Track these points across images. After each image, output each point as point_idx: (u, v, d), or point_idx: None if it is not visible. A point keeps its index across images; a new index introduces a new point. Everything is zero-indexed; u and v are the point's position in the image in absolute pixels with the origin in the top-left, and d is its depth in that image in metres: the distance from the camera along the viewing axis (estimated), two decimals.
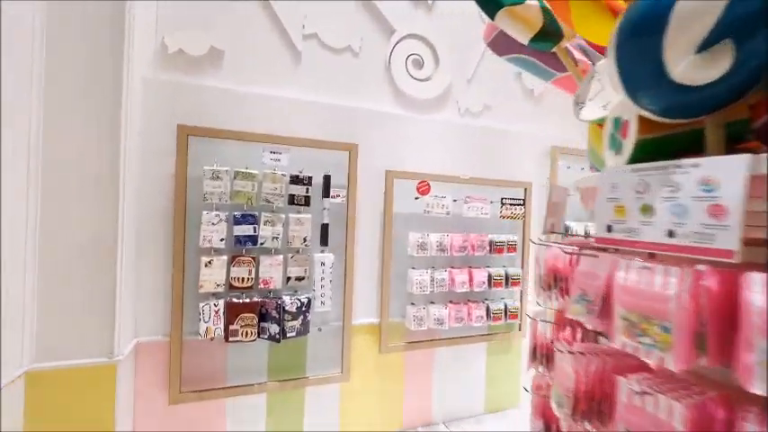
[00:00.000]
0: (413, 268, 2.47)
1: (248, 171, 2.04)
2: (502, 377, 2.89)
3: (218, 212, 1.98)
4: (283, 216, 2.12)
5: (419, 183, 2.35)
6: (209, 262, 1.97)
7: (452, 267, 2.54)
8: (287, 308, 2.09)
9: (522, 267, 2.78)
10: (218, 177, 1.98)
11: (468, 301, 2.61)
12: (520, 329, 2.85)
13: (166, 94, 2.01)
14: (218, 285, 2.00)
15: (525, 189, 2.83)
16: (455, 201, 2.47)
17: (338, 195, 2.28)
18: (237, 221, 2.03)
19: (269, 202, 2.09)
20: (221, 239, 2.00)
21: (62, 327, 1.66)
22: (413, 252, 2.39)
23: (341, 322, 2.34)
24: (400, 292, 2.49)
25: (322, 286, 2.23)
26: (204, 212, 1.96)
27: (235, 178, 2.01)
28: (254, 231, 2.06)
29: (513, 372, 2.93)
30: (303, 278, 2.19)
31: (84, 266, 1.69)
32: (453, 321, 2.48)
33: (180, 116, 2.02)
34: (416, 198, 2.47)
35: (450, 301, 2.57)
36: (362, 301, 2.42)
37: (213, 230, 1.97)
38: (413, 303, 2.50)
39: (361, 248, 2.39)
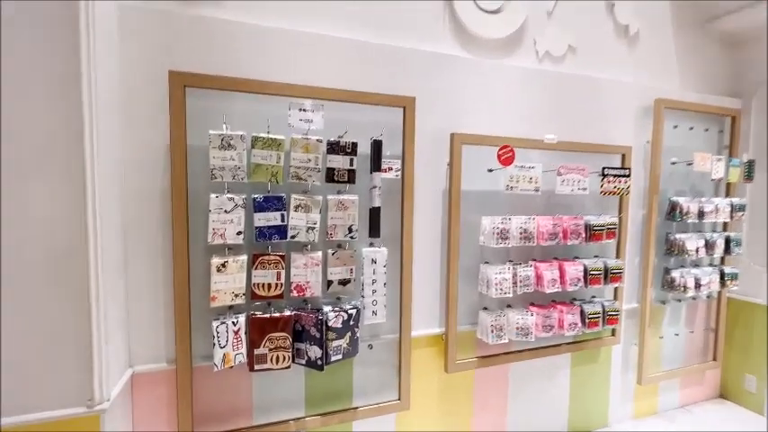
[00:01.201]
0: (486, 263, 1.89)
1: (271, 136, 1.46)
2: (588, 392, 2.33)
3: (231, 195, 1.42)
4: (320, 198, 1.54)
5: (502, 148, 1.74)
6: (223, 264, 1.43)
7: (536, 261, 1.95)
8: (330, 323, 1.54)
9: (618, 256, 2.17)
10: (229, 145, 1.40)
11: (554, 303, 2.03)
12: (614, 334, 2.27)
13: (152, 28, 1.43)
14: (236, 295, 1.46)
15: (623, 155, 2.18)
16: (545, 173, 1.85)
17: (391, 168, 1.69)
18: (259, 207, 1.46)
19: (300, 179, 1.51)
20: (238, 233, 1.44)
21: (21, 369, 1.15)
22: (488, 242, 1.80)
23: (396, 335, 1.79)
24: (469, 295, 1.92)
25: (374, 291, 1.67)
26: (213, 195, 1.40)
27: (253, 146, 1.44)
28: (282, 220, 1.50)
29: (601, 386, 2.37)
30: (348, 281, 1.63)
31: (44, 283, 1.16)
32: (540, 330, 1.90)
33: (173, 60, 1.44)
34: (490, 171, 1.86)
35: (532, 304, 1.99)
36: (422, 306, 1.86)
37: (226, 220, 1.42)
38: (486, 308, 1.93)
39: (420, 238, 1.82)
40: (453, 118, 1.87)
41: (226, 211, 1.41)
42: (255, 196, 1.46)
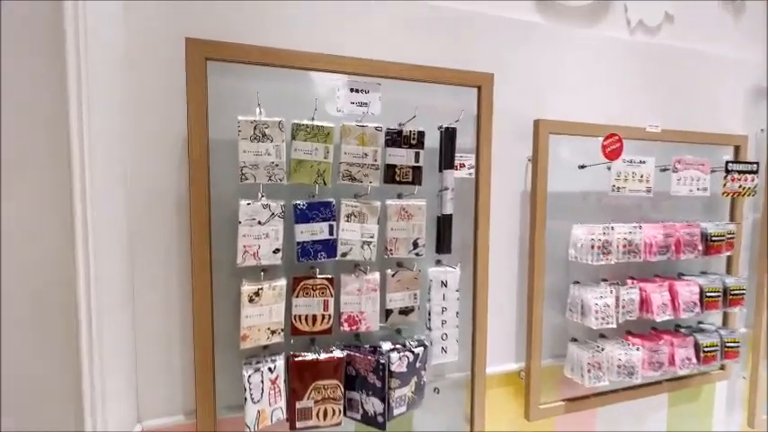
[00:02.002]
0: (576, 283, 1.51)
1: (317, 123, 1.11)
2: None
3: (267, 201, 1.09)
4: (378, 204, 1.19)
5: (608, 138, 1.36)
6: (257, 293, 1.09)
7: (637, 280, 1.55)
8: (393, 367, 1.19)
9: (730, 272, 1.76)
10: (263, 135, 1.07)
11: (656, 332, 1.62)
12: (723, 368, 1.85)
13: None
14: (272, 332, 1.12)
15: (736, 147, 1.77)
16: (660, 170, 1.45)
17: (463, 165, 1.33)
18: (302, 216, 1.12)
19: (353, 179, 1.17)
20: (275, 250, 1.10)
21: None
22: (583, 257, 1.42)
23: (465, 373, 1.42)
24: (552, 320, 1.54)
25: (443, 322, 1.31)
26: (243, 202, 1.07)
27: (294, 138, 1.10)
28: (331, 233, 1.15)
29: (703, 429, 1.95)
30: (412, 310, 1.27)
31: (17, 329, 0.84)
32: (647, 368, 1.51)
33: (189, 26, 1.11)
34: (581, 167, 1.48)
35: (629, 333, 1.60)
36: (496, 336, 1.49)
37: (260, 234, 1.08)
38: (575, 339, 1.55)
39: (493, 251, 1.45)
40: (532, 101, 1.50)
41: (260, 223, 1.08)
42: (297, 203, 1.12)
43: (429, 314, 1.29)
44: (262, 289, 1.09)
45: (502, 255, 1.48)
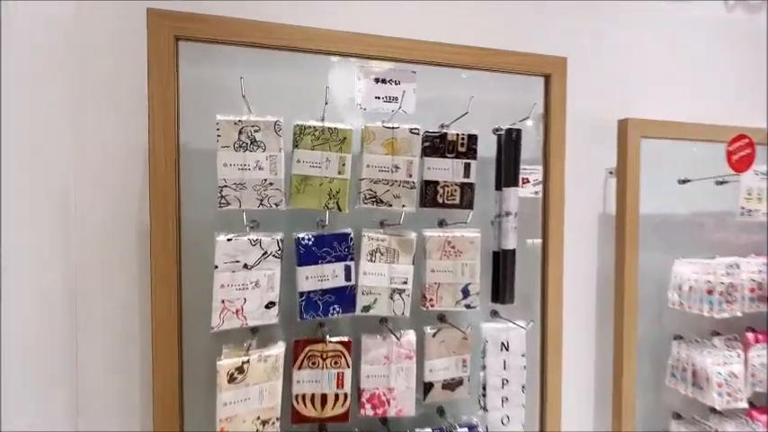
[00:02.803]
0: (680, 339, 1.11)
1: (330, 125, 0.80)
2: None
3: (256, 234, 0.76)
4: (413, 237, 0.86)
5: (734, 141, 0.98)
6: (240, 369, 0.75)
7: (757, 332, 1.14)
8: None
9: None
10: (252, 142, 0.75)
11: None
12: None
13: None
14: (263, 423, 0.78)
15: None
16: None
17: (527, 180, 0.98)
18: (306, 255, 0.79)
19: (379, 201, 0.83)
20: (269, 304, 0.77)
21: None
22: (692, 304, 1.03)
23: None
24: (643, 385, 1.14)
25: (504, 400, 0.94)
26: (220, 238, 0.74)
27: (296, 145, 0.78)
28: (348, 277, 0.82)
29: None
30: (460, 382, 0.91)
31: None
32: None
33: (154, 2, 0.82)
34: (682, 182, 1.10)
35: (752, 405, 1.17)
36: (569, 402, 1.10)
37: (247, 282, 0.75)
38: (679, 416, 1.14)
39: (568, 295, 1.07)
40: (607, 96, 1.14)
41: (246, 266, 0.75)
42: (300, 236, 0.79)
43: (484, 388, 0.93)
44: (248, 362, 0.75)
45: (576, 297, 1.11)
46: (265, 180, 0.76)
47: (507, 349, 0.92)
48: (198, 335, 0.80)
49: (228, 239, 0.73)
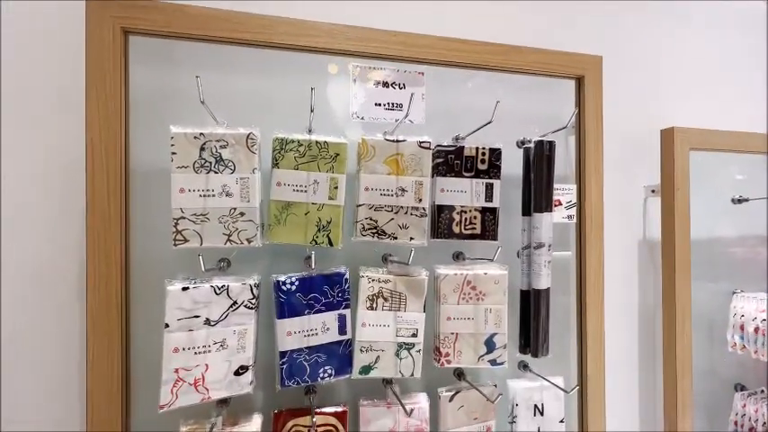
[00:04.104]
0: (742, 390, 0.93)
1: (318, 139, 0.64)
2: None
3: (218, 281, 0.59)
4: (424, 276, 0.69)
5: None
6: None
7: None
8: None
9: None
10: (218, 161, 0.59)
11: None
12: None
13: None
14: None
15: None
16: None
17: (559, 203, 0.81)
18: (289, 304, 0.62)
19: (381, 233, 0.67)
20: (239, 370, 0.60)
21: None
22: (759, 349, 0.86)
23: None
24: None
25: None
26: (173, 287, 0.56)
27: (276, 164, 0.62)
28: (342, 330, 0.65)
29: None
30: None
31: None
32: None
33: None
34: (738, 201, 0.94)
35: None
36: None
37: (208, 344, 0.58)
38: None
39: (608, 345, 0.89)
40: (645, 104, 0.99)
41: (208, 323, 0.58)
42: (282, 279, 0.62)
43: None
44: None
45: (614, 341, 0.93)
46: (234, 209, 0.59)
47: (542, 414, 0.74)
48: (152, 413, 0.62)
49: (184, 288, 0.56)
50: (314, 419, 0.62)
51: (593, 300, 0.81)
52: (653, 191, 0.94)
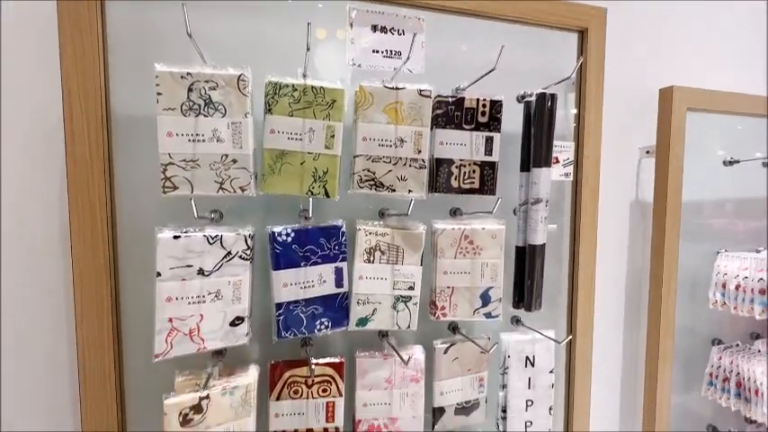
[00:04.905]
0: (719, 344, 0.97)
1: (314, 84, 0.60)
2: None
3: (214, 229, 0.58)
4: (422, 230, 0.68)
5: None
6: (197, 407, 0.57)
7: None
8: None
9: None
10: (207, 104, 0.55)
11: None
12: None
13: None
14: None
15: None
16: None
17: (557, 160, 0.81)
18: (285, 255, 0.60)
19: (379, 185, 0.65)
20: (235, 321, 0.59)
21: None
22: (739, 306, 0.89)
23: None
24: (677, 395, 1.01)
25: (529, 424, 0.79)
26: (164, 235, 0.54)
27: (269, 110, 0.59)
28: (339, 283, 0.64)
29: None
30: (477, 405, 0.76)
31: None
32: None
33: None
34: (730, 163, 0.95)
35: None
36: (597, 420, 0.96)
37: (203, 294, 0.57)
38: (714, 428, 1.01)
39: (597, 302, 0.92)
40: (644, 63, 0.97)
41: (202, 273, 0.56)
42: (277, 231, 0.60)
43: (504, 411, 0.77)
44: (207, 398, 0.57)
45: (603, 297, 0.95)
46: (226, 156, 0.56)
47: (533, 365, 0.76)
48: (146, 364, 0.61)
49: (176, 237, 0.54)
50: (312, 369, 0.63)
51: (585, 258, 0.82)
52: (648, 152, 0.94)
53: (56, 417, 0.64)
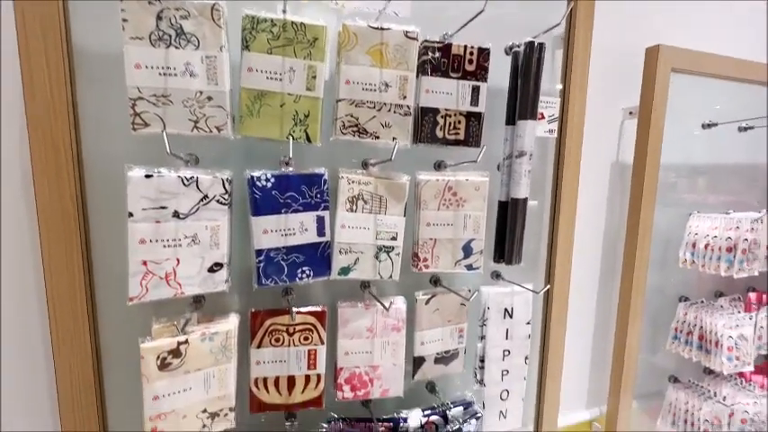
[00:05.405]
0: (685, 300, 1.02)
1: (292, 20, 0.56)
2: None
3: (190, 171, 0.55)
4: (405, 180, 0.67)
5: None
6: (175, 351, 0.57)
7: (761, 292, 1.08)
8: None
9: None
10: (179, 35, 0.52)
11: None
12: None
13: None
14: (212, 416, 0.61)
15: None
16: None
17: (542, 116, 0.80)
18: (264, 201, 0.59)
19: (363, 132, 0.63)
20: (213, 267, 0.58)
21: None
22: (707, 263, 0.93)
23: (529, 430, 0.95)
24: (643, 351, 1.06)
25: (505, 373, 0.82)
26: (134, 173, 0.51)
27: (246, 46, 0.55)
28: (321, 232, 0.63)
29: None
30: (455, 355, 0.78)
31: None
32: None
33: None
34: (708, 126, 0.96)
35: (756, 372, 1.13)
36: (565, 377, 1.01)
37: (178, 237, 0.55)
38: (676, 379, 1.08)
39: (575, 259, 0.94)
40: (631, 23, 0.96)
41: (177, 215, 0.54)
42: (256, 175, 0.58)
43: (482, 361, 0.80)
44: (186, 342, 0.56)
45: (580, 255, 0.98)
46: (201, 93, 0.53)
47: (511, 317, 0.79)
48: (121, 311, 0.60)
49: (148, 176, 0.51)
50: (293, 317, 0.63)
51: (566, 212, 0.84)
52: (631, 112, 0.94)
53: (29, 362, 0.63)
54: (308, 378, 0.67)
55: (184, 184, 0.53)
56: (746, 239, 0.88)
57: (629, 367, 0.98)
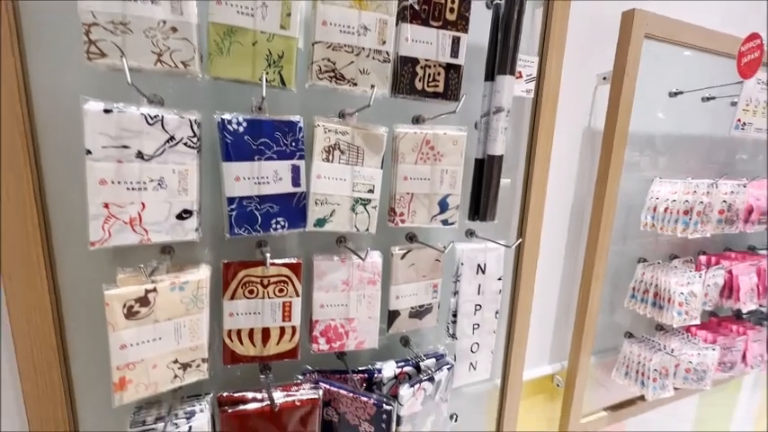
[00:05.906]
0: (644, 261, 1.09)
1: None
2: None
3: (154, 108, 0.51)
4: (383, 132, 0.66)
5: (748, 41, 0.86)
6: (143, 299, 0.55)
7: (716, 256, 1.16)
8: (404, 409, 0.72)
9: None
10: None
11: (719, 321, 1.27)
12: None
13: None
14: (184, 367, 0.60)
15: None
16: None
17: (520, 75, 0.80)
18: (236, 147, 0.56)
19: (340, 78, 0.61)
20: (182, 214, 0.55)
21: None
22: (665, 225, 0.99)
23: (492, 383, 1.00)
24: (602, 309, 1.13)
25: (476, 327, 0.84)
26: (90, 106, 0.47)
27: None
28: (296, 182, 0.62)
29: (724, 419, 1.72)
30: (429, 309, 0.80)
31: None
32: (718, 369, 1.16)
33: None
34: (674, 94, 1.00)
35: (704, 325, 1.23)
36: (533, 334, 1.06)
37: (144, 180, 0.52)
38: (630, 335, 1.16)
39: (547, 222, 0.97)
40: None
41: (141, 156, 0.51)
42: (227, 118, 0.55)
43: (455, 315, 0.82)
44: (154, 291, 0.54)
45: (549, 219, 1.01)
46: (164, 22, 0.49)
47: (483, 272, 0.81)
48: (82, 258, 0.57)
49: (107, 111, 0.48)
50: (267, 268, 0.62)
51: (539, 173, 0.85)
52: (604, 78, 0.96)
53: None
54: (282, 330, 0.66)
55: (148, 122, 0.50)
56: (702, 202, 0.94)
57: (589, 326, 1.04)
